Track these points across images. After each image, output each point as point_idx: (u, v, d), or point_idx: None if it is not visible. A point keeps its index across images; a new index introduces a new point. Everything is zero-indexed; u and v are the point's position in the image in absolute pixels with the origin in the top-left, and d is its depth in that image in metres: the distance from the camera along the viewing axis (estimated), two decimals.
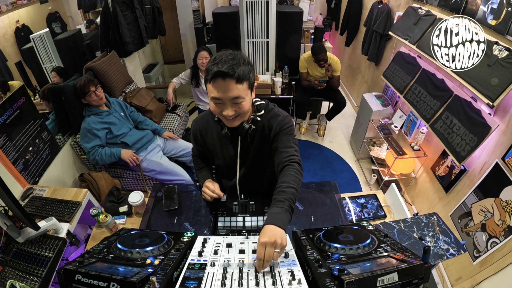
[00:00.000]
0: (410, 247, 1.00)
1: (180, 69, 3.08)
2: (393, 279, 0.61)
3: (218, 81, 0.89)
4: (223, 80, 0.88)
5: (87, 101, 2.08)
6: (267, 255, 0.73)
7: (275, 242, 0.75)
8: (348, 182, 2.90)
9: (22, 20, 2.15)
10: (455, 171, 1.93)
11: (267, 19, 2.92)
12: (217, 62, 0.89)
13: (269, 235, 0.76)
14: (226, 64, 0.88)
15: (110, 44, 2.85)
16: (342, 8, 4.11)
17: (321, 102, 3.68)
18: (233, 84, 0.90)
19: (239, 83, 0.90)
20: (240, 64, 0.90)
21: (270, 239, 0.74)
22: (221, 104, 0.95)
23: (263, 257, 0.73)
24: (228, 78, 0.88)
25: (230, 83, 0.89)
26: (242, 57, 0.93)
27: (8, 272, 1.23)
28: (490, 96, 1.53)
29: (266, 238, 0.75)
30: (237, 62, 0.89)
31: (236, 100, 0.93)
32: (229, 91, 0.90)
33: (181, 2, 3.73)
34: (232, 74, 0.88)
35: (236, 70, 0.88)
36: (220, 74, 0.87)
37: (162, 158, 2.34)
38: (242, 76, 0.90)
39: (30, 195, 1.70)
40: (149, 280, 0.64)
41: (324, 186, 1.37)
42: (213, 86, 0.91)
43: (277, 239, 0.75)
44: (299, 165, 1.00)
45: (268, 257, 0.73)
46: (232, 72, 0.87)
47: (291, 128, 1.10)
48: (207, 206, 1.26)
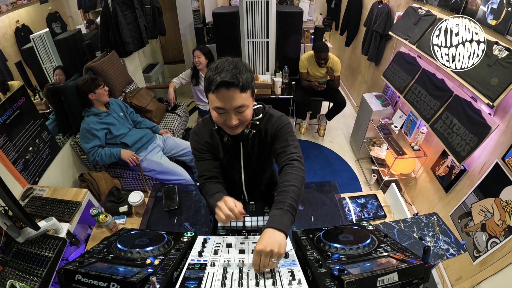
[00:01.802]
0: (410, 247, 1.00)
1: (180, 69, 3.09)
2: (393, 279, 0.61)
3: (222, 91, 0.86)
4: (227, 89, 0.86)
5: (96, 96, 2.09)
6: (262, 264, 0.71)
7: (270, 251, 0.71)
8: (348, 182, 2.90)
9: (22, 20, 2.15)
10: (455, 171, 1.93)
11: (267, 19, 2.92)
12: (219, 71, 0.86)
13: (264, 243, 0.73)
14: (229, 74, 0.85)
15: (110, 44, 2.85)
16: (342, 8, 4.11)
17: (321, 102, 3.68)
18: (238, 94, 0.87)
19: (243, 92, 0.88)
20: (242, 72, 0.87)
21: (265, 248, 0.72)
22: (225, 114, 0.92)
23: (259, 266, 0.72)
24: (233, 88, 0.86)
25: (234, 92, 0.87)
26: (244, 65, 0.90)
27: (8, 272, 1.23)
28: (490, 96, 1.53)
29: (261, 247, 0.72)
30: (239, 71, 0.87)
31: (240, 109, 0.91)
32: (233, 101, 0.88)
33: (181, 2, 3.73)
34: (237, 84, 0.85)
35: (240, 79, 0.86)
36: (224, 84, 0.85)
37: (162, 158, 2.34)
38: (246, 84, 0.88)
39: (30, 195, 1.70)
40: (149, 280, 0.64)
41: (324, 186, 1.37)
42: (217, 96, 0.88)
43: (273, 248, 0.72)
44: (300, 162, 0.97)
45: (263, 267, 0.72)
46: (236, 81, 0.85)
47: (288, 126, 1.07)
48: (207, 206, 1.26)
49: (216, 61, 0.91)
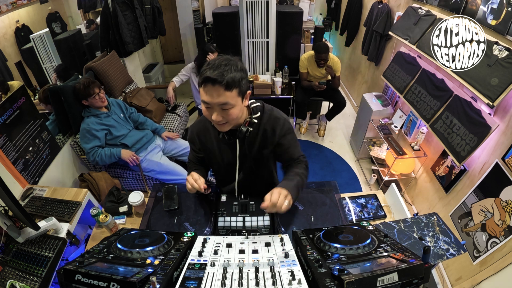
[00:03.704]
0: (410, 247, 0.99)
1: (180, 69, 3.08)
2: (393, 279, 0.61)
3: (207, 86, 0.90)
4: (212, 86, 0.89)
5: (89, 103, 2.07)
6: (279, 202, 0.90)
7: (288, 194, 0.93)
8: (348, 182, 2.90)
9: (22, 20, 2.15)
10: (455, 171, 1.93)
11: (267, 19, 2.92)
12: (209, 67, 0.90)
13: (281, 190, 0.94)
14: (217, 70, 0.88)
15: (110, 44, 2.85)
16: (342, 8, 4.11)
17: (321, 102, 3.68)
18: (221, 91, 0.90)
19: (227, 90, 0.90)
20: (231, 71, 0.90)
21: (282, 191, 0.93)
22: (211, 109, 0.96)
23: (276, 201, 0.90)
24: (217, 85, 0.89)
25: (218, 89, 0.90)
26: (236, 64, 0.93)
27: (8, 272, 1.23)
28: (490, 96, 1.53)
29: (279, 189, 0.94)
30: (229, 69, 0.90)
31: (224, 106, 0.94)
32: (217, 97, 0.91)
33: (181, 2, 3.74)
34: (221, 81, 0.88)
35: (225, 77, 0.88)
36: (209, 80, 0.89)
37: (162, 158, 2.34)
38: (231, 83, 0.90)
39: (30, 195, 1.70)
40: (149, 280, 0.64)
41: (324, 186, 1.37)
42: (203, 90, 0.92)
43: (290, 193, 0.94)
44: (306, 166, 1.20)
45: (279, 204, 0.90)
46: (220, 78, 0.88)
47: (293, 129, 1.18)
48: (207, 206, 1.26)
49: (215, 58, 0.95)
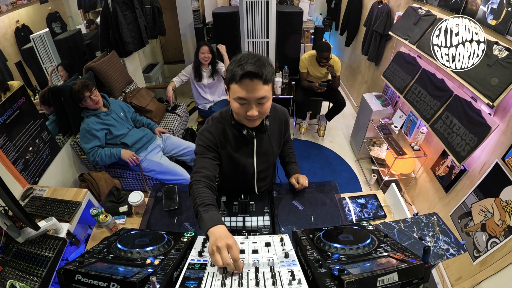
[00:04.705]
0: (410, 247, 1.00)
1: (180, 69, 3.08)
2: (393, 279, 0.61)
3: (245, 82, 0.91)
4: (251, 80, 0.90)
5: (84, 105, 2.09)
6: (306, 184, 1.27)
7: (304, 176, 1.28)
8: (348, 182, 2.90)
9: (22, 20, 2.15)
10: (455, 171, 1.93)
11: (267, 19, 2.92)
12: (242, 63, 0.90)
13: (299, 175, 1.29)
14: (253, 66, 0.89)
15: (110, 44, 2.85)
16: (342, 8, 4.11)
17: (321, 102, 3.68)
18: (260, 85, 0.91)
19: (265, 84, 0.92)
20: (266, 65, 0.92)
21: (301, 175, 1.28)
22: (246, 105, 0.96)
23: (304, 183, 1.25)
24: (256, 79, 0.90)
25: (257, 83, 0.91)
26: (266, 59, 0.95)
27: (8, 272, 1.23)
28: (490, 96, 1.53)
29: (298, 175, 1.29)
30: (262, 64, 0.91)
31: (261, 101, 0.95)
32: (256, 92, 0.92)
33: (181, 2, 3.73)
34: (261, 75, 0.90)
35: (263, 71, 0.90)
36: (249, 75, 0.89)
37: (162, 158, 2.34)
38: (269, 77, 0.92)
39: (30, 195, 1.70)
40: (149, 280, 0.64)
41: (324, 186, 1.37)
42: (240, 86, 0.92)
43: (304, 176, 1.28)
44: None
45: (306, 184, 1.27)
46: (260, 73, 0.89)
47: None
48: None
49: (239, 54, 0.95)
